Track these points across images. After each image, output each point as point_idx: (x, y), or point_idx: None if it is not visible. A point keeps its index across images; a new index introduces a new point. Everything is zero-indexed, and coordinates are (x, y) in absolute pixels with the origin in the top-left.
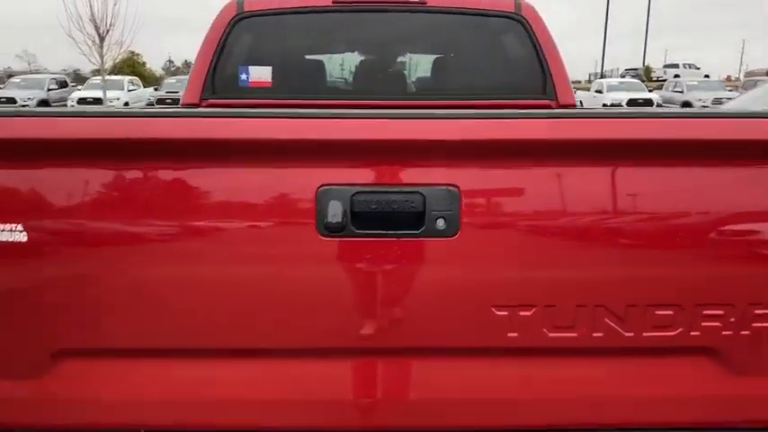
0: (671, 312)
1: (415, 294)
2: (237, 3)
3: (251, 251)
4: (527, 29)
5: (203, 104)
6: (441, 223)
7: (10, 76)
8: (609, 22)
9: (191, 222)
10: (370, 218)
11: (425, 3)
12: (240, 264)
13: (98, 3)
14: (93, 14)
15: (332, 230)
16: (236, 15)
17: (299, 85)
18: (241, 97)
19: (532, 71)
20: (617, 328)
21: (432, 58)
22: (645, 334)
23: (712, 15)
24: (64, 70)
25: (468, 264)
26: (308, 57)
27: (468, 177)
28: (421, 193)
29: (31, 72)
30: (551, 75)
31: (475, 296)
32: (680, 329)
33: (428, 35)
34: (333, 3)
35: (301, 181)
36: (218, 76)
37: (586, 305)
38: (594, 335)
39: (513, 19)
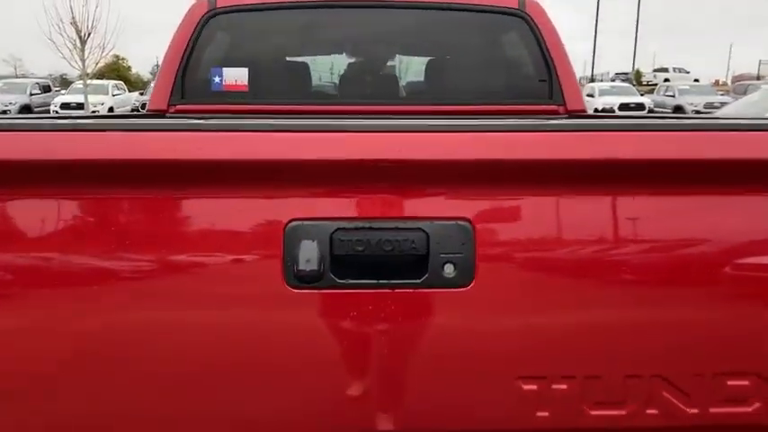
0: (747, 383)
1: (417, 365)
2: None
3: (192, 312)
4: (532, 27)
5: (171, 111)
6: (449, 269)
7: None
8: (597, 23)
9: (99, 268)
10: (355, 263)
11: None
12: (177, 330)
13: (79, 6)
14: (73, 17)
15: (305, 281)
16: (208, 12)
17: (280, 89)
18: (214, 103)
19: (538, 73)
20: (678, 403)
21: (427, 59)
22: (713, 410)
23: (699, 18)
24: (50, 75)
25: (486, 323)
26: (289, 58)
27: (485, 208)
28: (423, 230)
29: (17, 76)
30: (558, 77)
31: (495, 365)
32: (757, 404)
33: (423, 34)
34: None
35: (263, 215)
36: (188, 80)
37: (641, 375)
38: (648, 412)
39: (516, 16)
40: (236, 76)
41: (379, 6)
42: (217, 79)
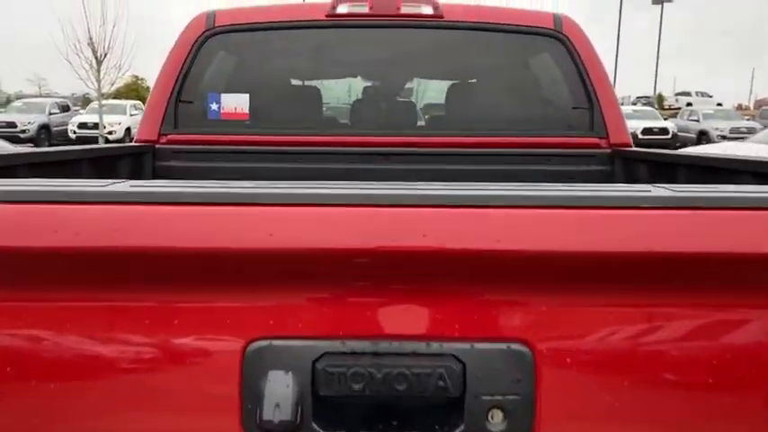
0: None
1: None
2: (208, 16)
3: None
4: (569, 49)
5: (162, 141)
6: (497, 419)
7: (18, 98)
8: (619, 47)
9: None
10: (351, 410)
11: (442, 17)
12: None
13: (96, 26)
14: (90, 37)
15: None
16: (206, 31)
17: (284, 117)
18: (211, 132)
19: (577, 102)
20: None
21: (449, 84)
22: None
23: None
24: (73, 94)
25: None
26: (295, 82)
27: (551, 325)
28: (456, 357)
29: (40, 95)
30: (600, 106)
31: None
32: None
33: (445, 57)
34: (327, 17)
35: (211, 330)
36: (182, 106)
37: None
38: None
39: (552, 37)
40: (235, 103)
41: (396, 26)
42: (214, 106)
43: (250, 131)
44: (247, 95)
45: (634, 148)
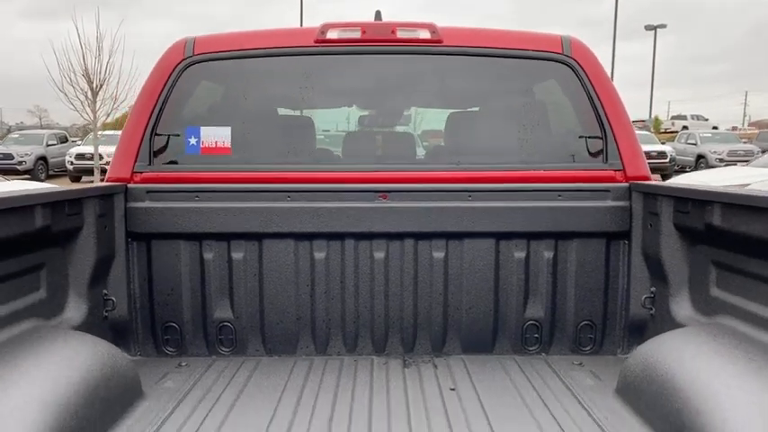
0: None
1: None
2: (187, 42)
3: None
4: (579, 74)
5: (135, 179)
6: None
7: (19, 130)
8: (614, 73)
9: None
10: None
11: (441, 42)
12: None
13: (91, 58)
14: (86, 69)
15: None
16: (185, 59)
17: (269, 152)
18: (189, 170)
19: (588, 131)
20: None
21: (449, 114)
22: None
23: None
24: (74, 125)
25: None
26: (281, 113)
27: None
28: None
29: (41, 127)
30: (615, 135)
31: None
32: None
33: (443, 85)
34: (316, 42)
35: None
36: (157, 141)
37: None
38: None
39: (560, 62)
40: (216, 137)
41: (391, 52)
42: (193, 141)
43: (233, 168)
44: (229, 128)
45: (656, 183)
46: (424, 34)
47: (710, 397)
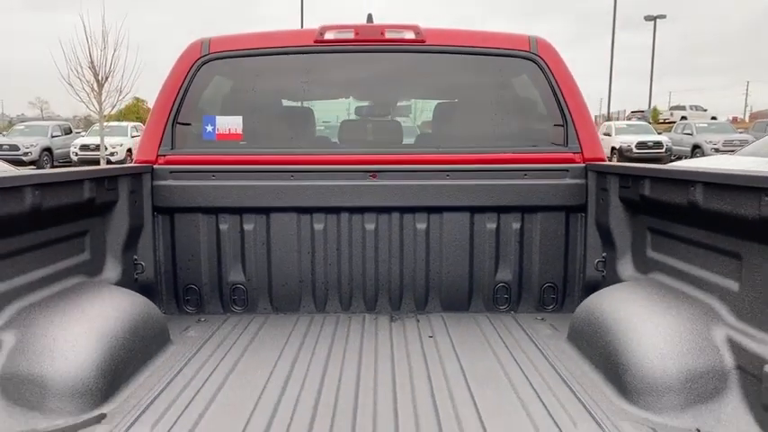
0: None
1: None
2: (203, 42)
3: None
4: (544, 70)
5: (160, 162)
6: None
7: (21, 121)
8: (613, 63)
9: None
10: None
11: (424, 41)
12: None
13: (97, 50)
14: (92, 61)
15: None
16: (201, 57)
17: (276, 137)
18: (206, 153)
19: (552, 119)
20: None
21: (432, 105)
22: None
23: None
24: (75, 116)
25: None
26: (286, 103)
27: None
28: None
29: (43, 118)
30: (574, 123)
31: None
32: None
33: (427, 79)
34: (315, 42)
35: None
36: (178, 129)
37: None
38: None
39: (527, 59)
40: (230, 125)
41: (380, 50)
42: (209, 128)
43: (244, 151)
44: (241, 117)
45: (606, 163)
46: (409, 35)
47: (631, 329)
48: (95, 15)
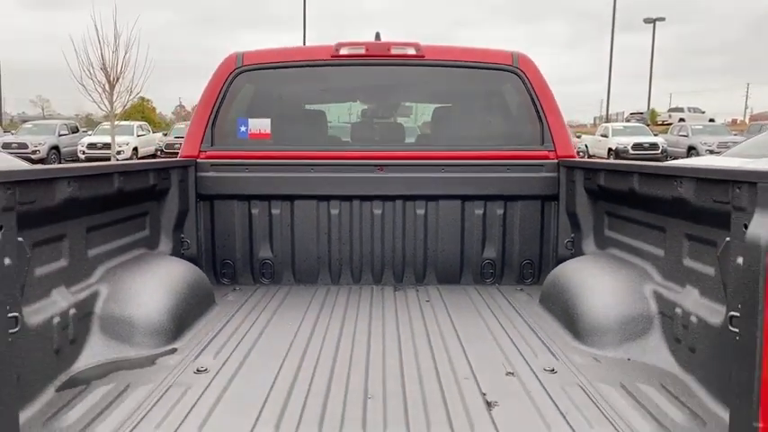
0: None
1: None
2: (238, 56)
3: None
4: (524, 81)
5: (202, 156)
6: None
7: (24, 121)
8: (613, 65)
9: None
10: None
11: (423, 56)
12: None
13: (109, 52)
14: (104, 63)
15: None
16: (237, 68)
17: (299, 136)
18: (240, 149)
19: (530, 122)
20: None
21: (430, 109)
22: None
23: (714, 59)
24: (77, 115)
25: None
26: (307, 108)
27: None
28: None
29: (44, 117)
30: (549, 125)
31: None
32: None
33: (426, 87)
34: (332, 56)
35: None
36: (217, 128)
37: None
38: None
39: (510, 72)
40: (259, 126)
41: (387, 63)
42: (242, 128)
43: (271, 148)
44: (269, 120)
45: (575, 159)
46: (411, 51)
47: (585, 288)
48: (106, 16)
